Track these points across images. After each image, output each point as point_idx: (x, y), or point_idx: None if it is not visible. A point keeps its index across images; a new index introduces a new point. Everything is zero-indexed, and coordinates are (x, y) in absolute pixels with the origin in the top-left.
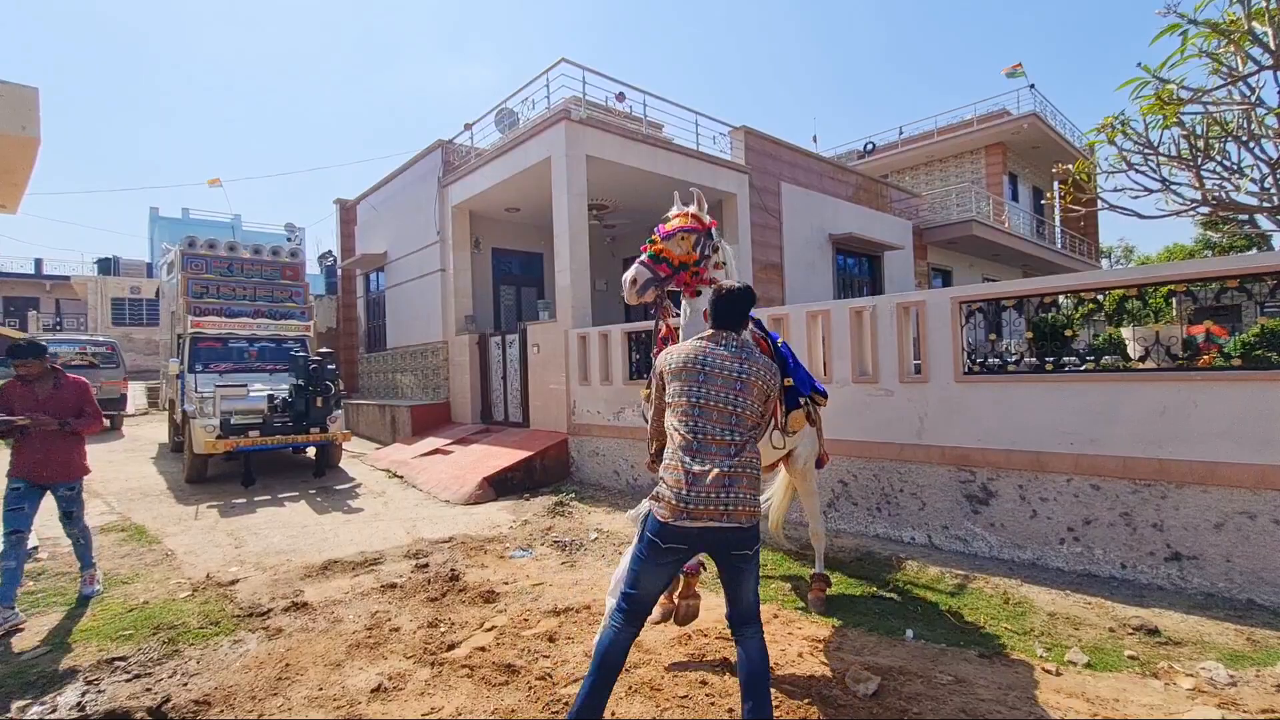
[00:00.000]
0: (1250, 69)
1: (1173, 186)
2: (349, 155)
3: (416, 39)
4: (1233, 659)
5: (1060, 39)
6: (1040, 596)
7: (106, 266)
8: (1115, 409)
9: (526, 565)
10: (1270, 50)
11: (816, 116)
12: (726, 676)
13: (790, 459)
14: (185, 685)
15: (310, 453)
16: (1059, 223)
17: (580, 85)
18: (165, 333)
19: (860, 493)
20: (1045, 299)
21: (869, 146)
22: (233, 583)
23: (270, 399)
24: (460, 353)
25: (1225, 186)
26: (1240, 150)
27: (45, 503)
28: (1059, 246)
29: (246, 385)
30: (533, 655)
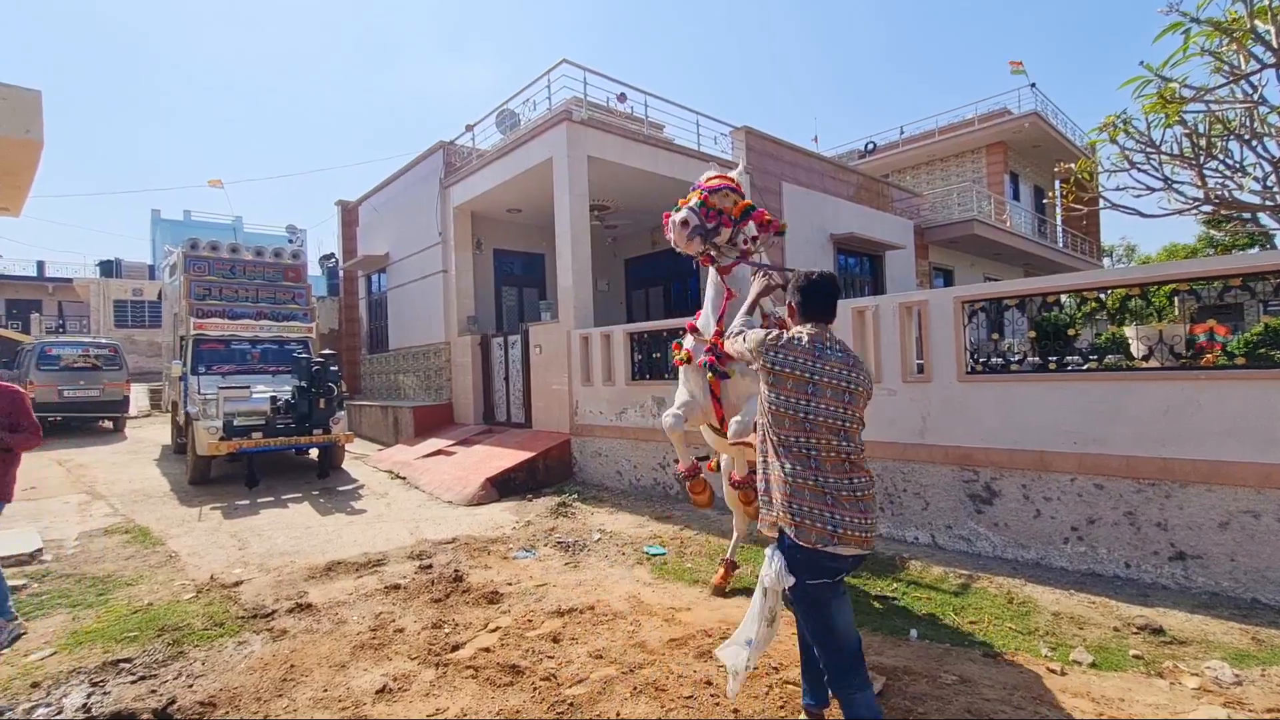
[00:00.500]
0: (1253, 67)
1: (1175, 185)
2: (350, 156)
3: (417, 39)
4: (1238, 658)
5: (1061, 38)
6: (1044, 596)
7: (108, 269)
8: (1119, 408)
9: (530, 566)
10: (1273, 48)
11: (817, 116)
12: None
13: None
14: (190, 687)
15: (313, 454)
16: (1060, 222)
17: (581, 86)
18: (168, 335)
19: None
20: (1048, 298)
21: (870, 146)
22: (237, 584)
23: (273, 400)
24: (462, 354)
25: (1228, 185)
26: (1243, 149)
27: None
28: (1061, 245)
29: (249, 387)
30: (537, 656)
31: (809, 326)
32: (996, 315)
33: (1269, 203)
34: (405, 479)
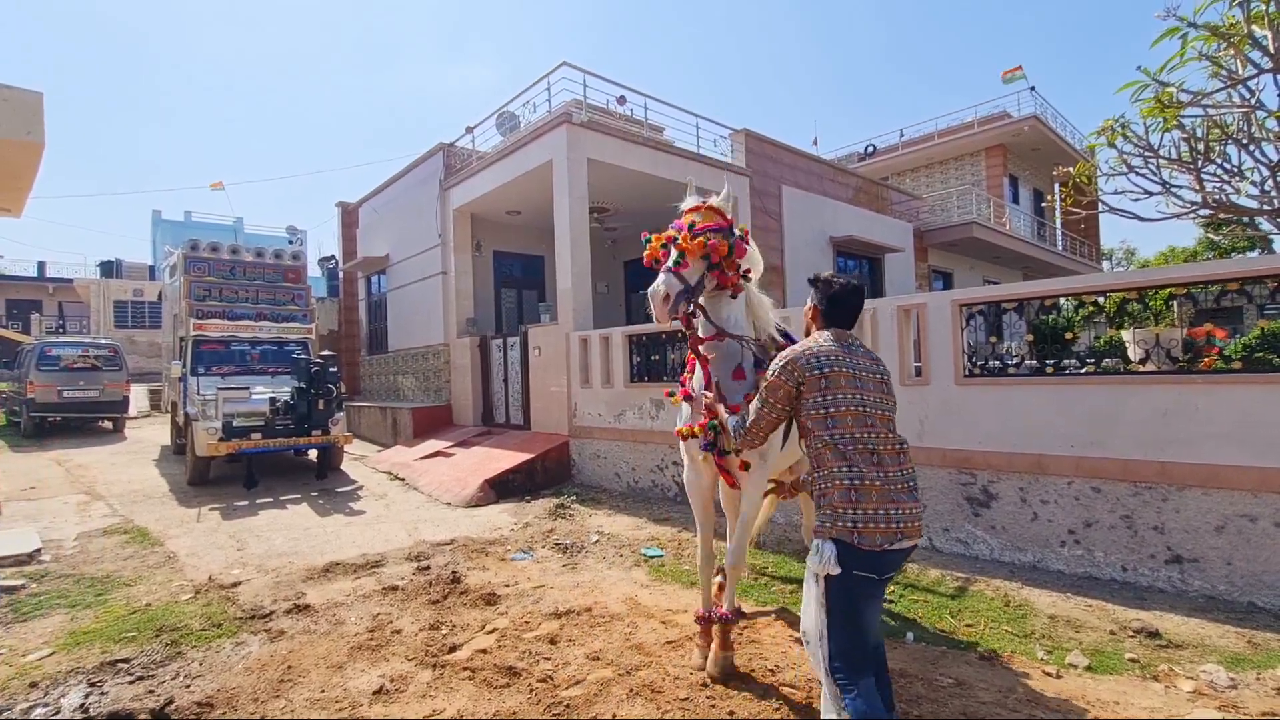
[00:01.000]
0: (1250, 72)
1: (1173, 189)
2: (350, 157)
3: (417, 40)
4: (1233, 662)
5: (1061, 39)
6: (1041, 599)
7: (109, 269)
8: (1116, 412)
9: (528, 568)
10: (1270, 54)
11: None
12: (728, 680)
13: (795, 471)
14: (188, 687)
15: (312, 455)
16: (1060, 225)
17: (581, 88)
18: (167, 335)
19: None
20: (1046, 301)
21: (870, 149)
22: (235, 585)
23: (272, 401)
24: (462, 355)
25: (1225, 189)
26: (1240, 153)
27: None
28: (1060, 249)
29: (249, 388)
30: (534, 657)
31: (831, 331)
32: (995, 318)
33: (1266, 207)
34: (404, 480)
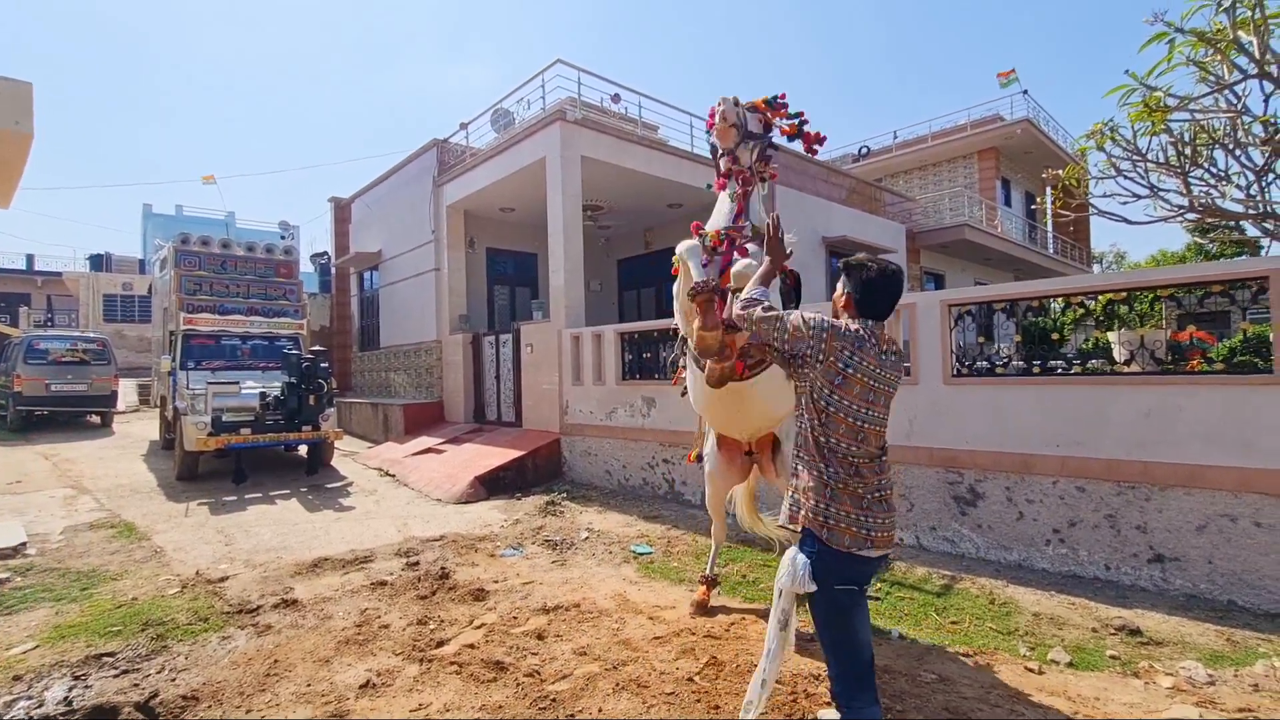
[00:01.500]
0: (1236, 77)
1: (1161, 193)
2: (345, 155)
3: (416, 39)
4: (1212, 659)
5: (1060, 40)
6: (1025, 597)
7: (98, 263)
8: (1101, 412)
9: (517, 564)
10: (1255, 59)
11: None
12: (712, 674)
13: (780, 461)
14: (173, 681)
15: (302, 451)
16: (1050, 227)
17: (575, 86)
18: (157, 329)
19: None
20: (1034, 303)
21: (863, 150)
22: (222, 580)
23: (262, 396)
24: (454, 352)
25: (1212, 193)
26: (1227, 157)
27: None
28: (1051, 251)
29: (239, 383)
30: (521, 653)
31: (867, 324)
32: (985, 319)
33: (1252, 211)
34: (394, 476)
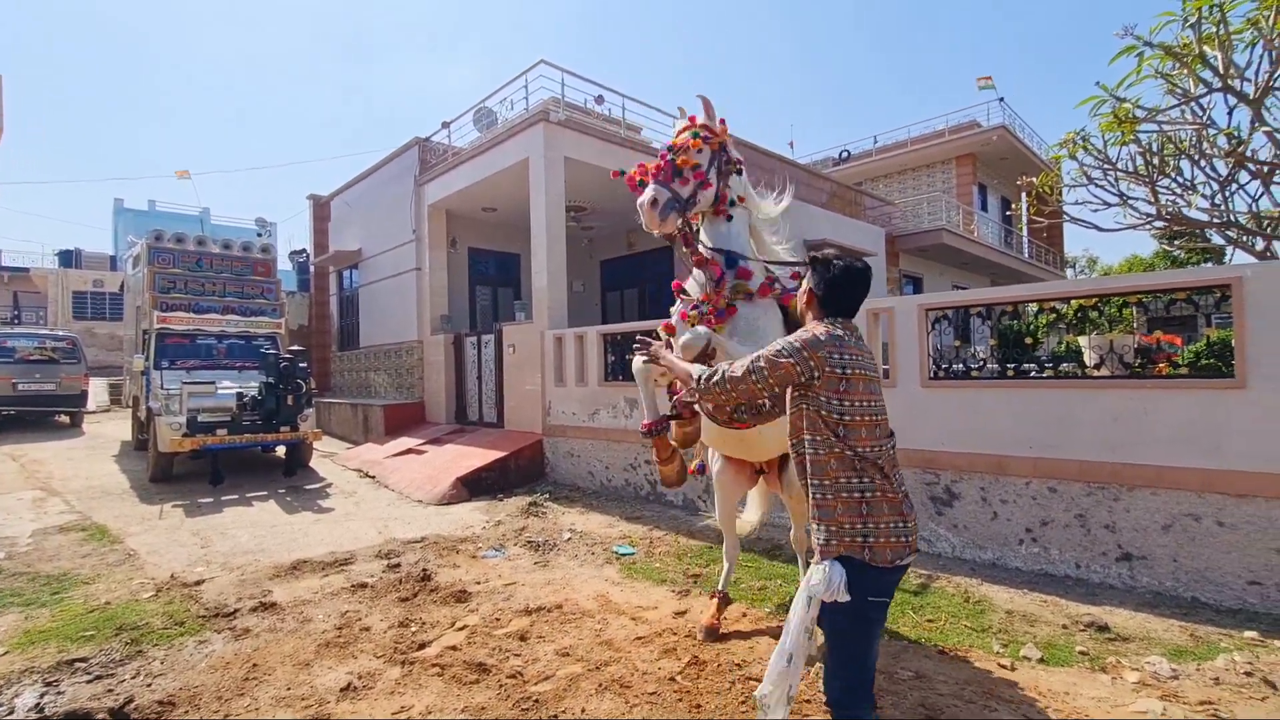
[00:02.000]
0: (1201, 91)
1: (1130, 201)
2: (323, 153)
3: (398, 37)
4: (1176, 654)
5: (1037, 50)
6: (999, 595)
7: (68, 259)
8: (1072, 414)
9: (499, 565)
10: (1219, 73)
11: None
12: (694, 673)
13: (787, 478)
14: (149, 686)
15: (280, 452)
16: (1026, 233)
17: (559, 87)
18: (130, 328)
19: None
20: (1008, 307)
21: (844, 154)
22: (198, 583)
23: (240, 397)
24: (435, 352)
25: (1178, 202)
26: (1193, 168)
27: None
28: (1026, 256)
29: (215, 382)
30: (504, 654)
31: (836, 321)
32: (961, 323)
33: (1216, 219)
34: (374, 478)
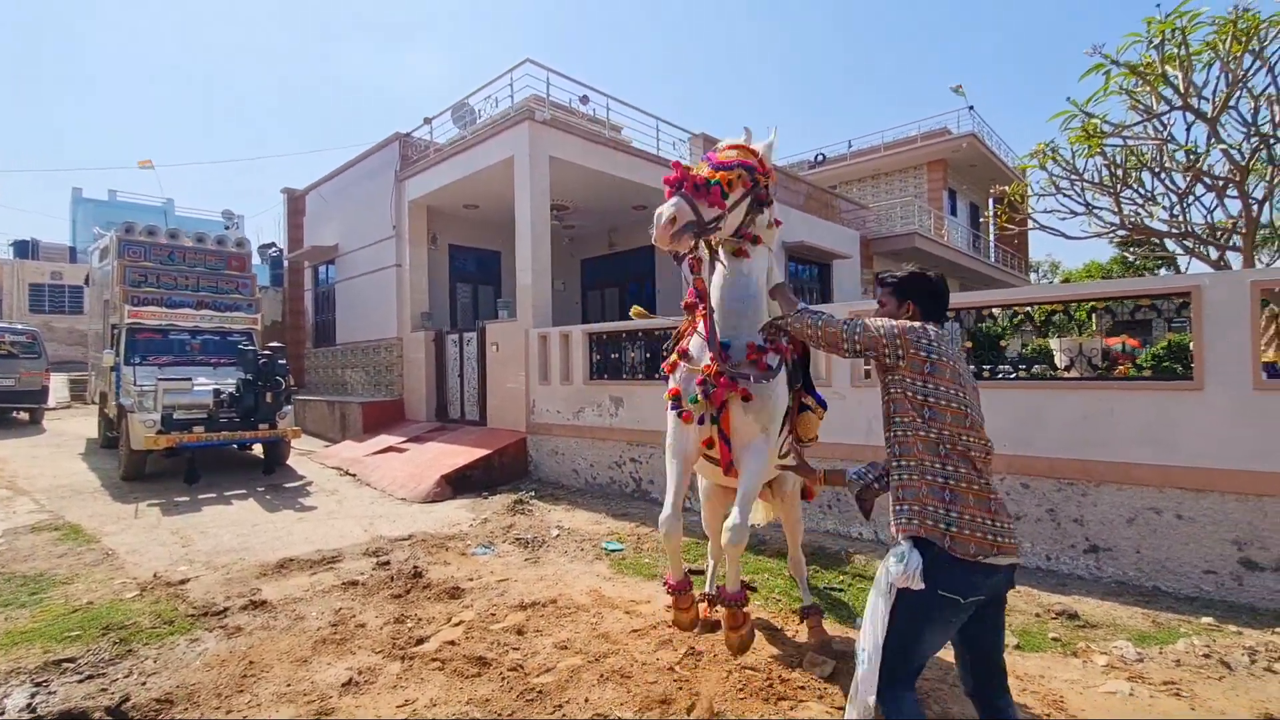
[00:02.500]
0: (1163, 108)
1: (1095, 210)
2: (294, 147)
3: (371, 27)
4: (1140, 639)
5: (1010, 63)
6: None
7: (24, 249)
8: (1044, 414)
9: (489, 562)
10: (1179, 92)
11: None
12: (691, 663)
13: (778, 483)
14: (144, 684)
15: (257, 450)
16: (993, 238)
17: (544, 86)
18: (96, 322)
19: None
20: (981, 311)
21: (819, 157)
22: (183, 582)
23: (216, 394)
24: (415, 350)
25: (1140, 213)
26: (1154, 180)
27: None
28: (993, 260)
29: (191, 379)
30: (503, 648)
31: (929, 325)
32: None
33: (1174, 230)
34: (355, 476)
